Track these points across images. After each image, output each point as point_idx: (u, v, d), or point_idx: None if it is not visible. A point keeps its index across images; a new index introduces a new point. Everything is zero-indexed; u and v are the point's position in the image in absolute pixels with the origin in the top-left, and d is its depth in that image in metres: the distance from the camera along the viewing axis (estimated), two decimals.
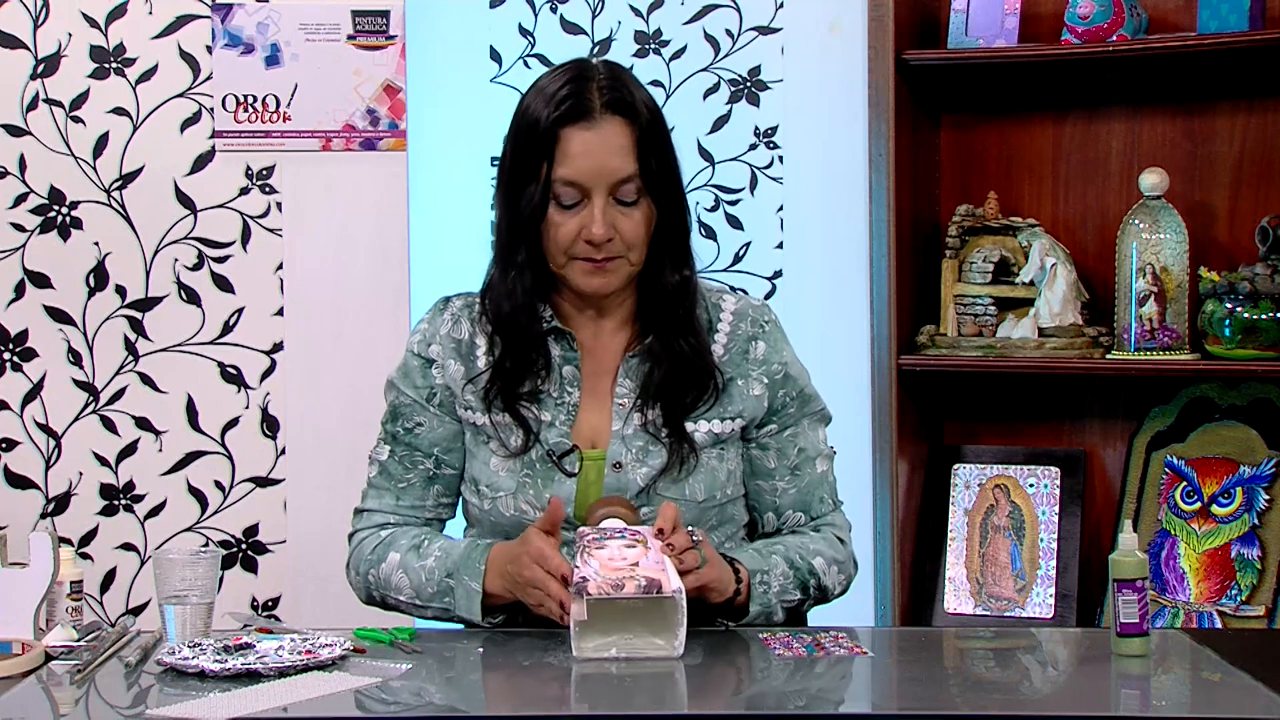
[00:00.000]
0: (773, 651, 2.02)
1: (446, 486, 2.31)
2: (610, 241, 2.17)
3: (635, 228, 2.18)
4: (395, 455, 2.30)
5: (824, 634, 2.10)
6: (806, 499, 2.29)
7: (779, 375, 2.27)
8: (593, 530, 2.06)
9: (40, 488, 3.27)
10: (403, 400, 2.30)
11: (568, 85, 2.18)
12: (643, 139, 2.17)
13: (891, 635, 2.54)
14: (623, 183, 2.16)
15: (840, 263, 3.36)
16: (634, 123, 2.17)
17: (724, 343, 2.27)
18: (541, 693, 1.93)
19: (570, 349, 2.24)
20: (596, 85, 2.18)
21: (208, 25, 3.27)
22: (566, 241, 2.18)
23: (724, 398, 2.24)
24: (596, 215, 2.15)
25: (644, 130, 2.18)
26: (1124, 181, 3.21)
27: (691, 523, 2.17)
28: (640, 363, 2.24)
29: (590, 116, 2.16)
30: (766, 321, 2.30)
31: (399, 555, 2.23)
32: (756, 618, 2.15)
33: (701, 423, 2.23)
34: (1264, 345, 2.97)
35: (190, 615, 2.08)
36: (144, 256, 3.28)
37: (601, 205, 2.16)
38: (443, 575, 2.18)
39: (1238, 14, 2.97)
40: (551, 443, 2.21)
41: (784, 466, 2.28)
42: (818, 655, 2.00)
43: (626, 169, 2.16)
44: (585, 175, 2.16)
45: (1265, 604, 2.98)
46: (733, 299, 2.32)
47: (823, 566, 2.23)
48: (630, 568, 1.96)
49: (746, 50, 3.42)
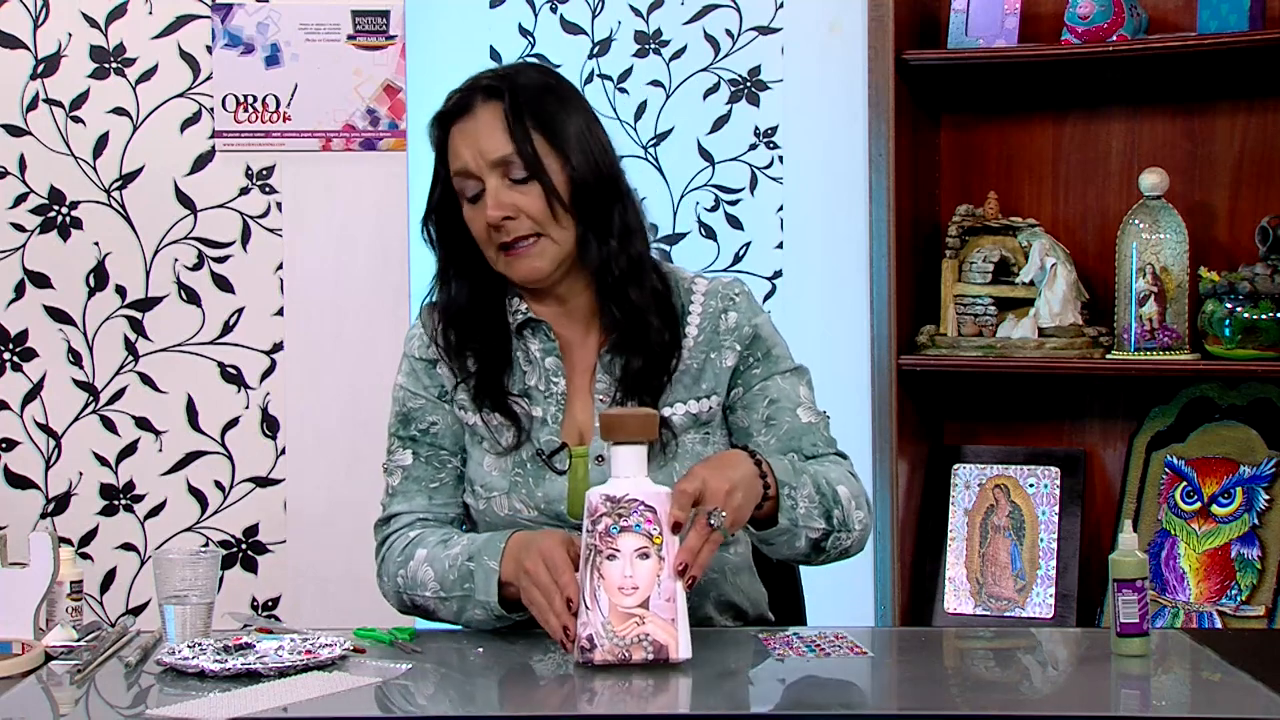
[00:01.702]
0: (773, 651, 2.02)
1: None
2: (513, 221, 2.17)
3: (535, 203, 2.17)
4: (421, 457, 2.27)
5: (824, 634, 2.10)
6: (793, 444, 2.22)
7: (749, 338, 2.25)
8: (604, 505, 1.94)
9: (40, 488, 3.27)
10: (414, 404, 2.28)
11: (459, 91, 2.24)
12: (514, 116, 2.18)
13: (891, 635, 2.53)
14: (503, 162, 2.17)
15: (840, 263, 3.36)
16: (503, 102, 2.18)
17: (697, 323, 2.25)
18: (542, 693, 1.93)
19: (548, 338, 2.25)
20: (480, 80, 2.23)
21: (208, 25, 3.27)
22: (482, 234, 2.20)
23: (699, 377, 2.23)
24: (488, 197, 2.18)
25: (516, 107, 2.18)
26: (1124, 181, 3.21)
27: None
28: (614, 358, 2.23)
29: (469, 109, 2.21)
30: (737, 294, 2.28)
31: (426, 550, 2.18)
32: (781, 536, 2.06)
33: (678, 405, 2.22)
34: (1264, 345, 2.97)
35: (190, 615, 2.08)
36: (144, 256, 3.28)
37: (493, 187, 2.17)
38: (464, 559, 2.12)
39: (1238, 14, 2.97)
40: (542, 441, 2.21)
41: (756, 421, 2.24)
42: (818, 655, 2.00)
43: (503, 148, 2.17)
44: (469, 162, 2.19)
45: (1265, 604, 2.98)
46: (704, 281, 2.30)
47: (846, 497, 2.14)
48: (639, 621, 1.92)
49: (746, 50, 3.42)
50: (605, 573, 1.92)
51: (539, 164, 2.17)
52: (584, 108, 2.25)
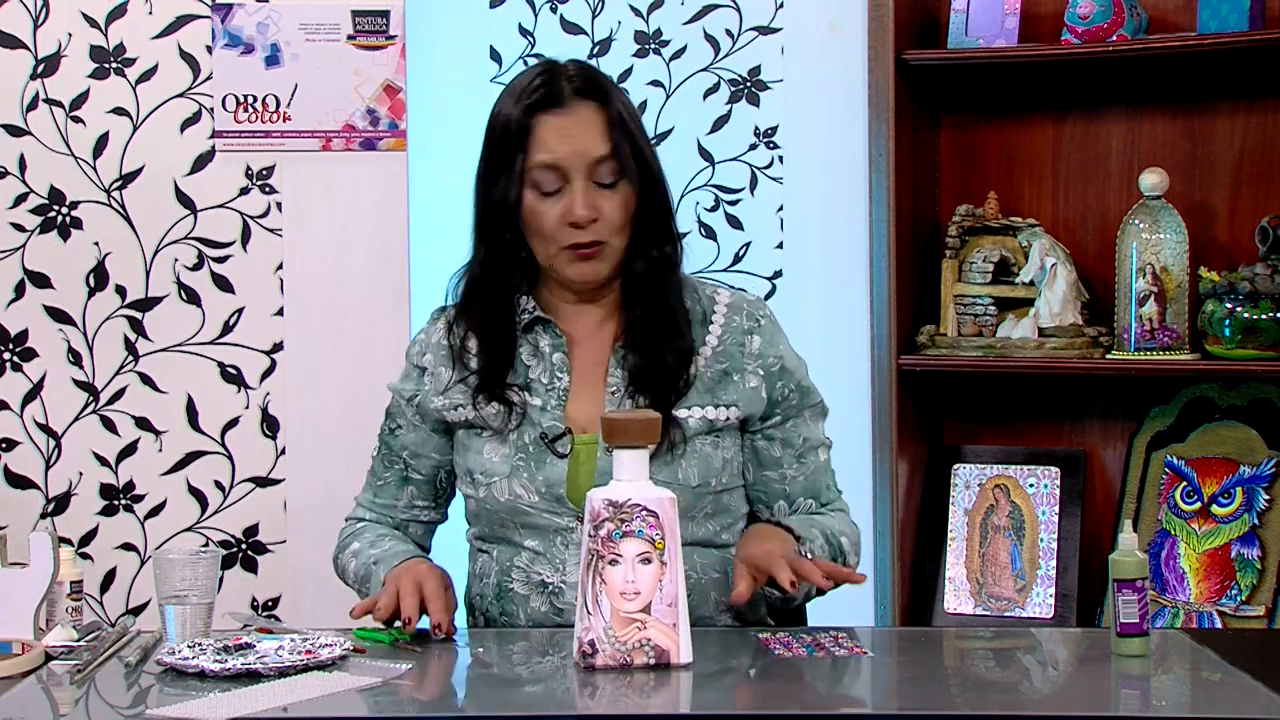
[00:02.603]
0: (773, 651, 2.02)
1: (420, 490, 2.37)
2: (595, 223, 2.19)
3: (616, 210, 2.21)
4: (380, 454, 2.39)
5: (824, 634, 2.10)
6: (815, 485, 2.31)
7: (775, 368, 2.28)
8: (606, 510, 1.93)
9: (40, 488, 3.27)
10: (394, 403, 2.37)
11: (538, 78, 2.23)
12: (614, 121, 2.21)
13: (891, 635, 2.54)
14: (599, 163, 2.19)
15: (840, 263, 3.36)
16: (604, 106, 2.21)
17: (718, 334, 2.28)
18: (541, 693, 1.93)
19: (556, 336, 2.26)
20: (565, 75, 2.23)
21: (208, 25, 3.27)
22: (551, 228, 2.20)
23: (718, 386, 2.25)
24: (578, 196, 2.18)
25: (615, 113, 2.21)
26: (1124, 181, 3.21)
27: (686, 509, 2.16)
28: (629, 353, 2.25)
29: (562, 102, 2.21)
30: (761, 316, 2.31)
31: (358, 544, 2.34)
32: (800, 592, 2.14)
33: (695, 409, 2.23)
34: (1264, 345, 2.97)
35: (190, 615, 2.08)
36: (144, 256, 3.28)
37: (582, 186, 2.19)
38: (371, 563, 2.28)
39: (1238, 14, 2.97)
40: (545, 425, 2.22)
41: (790, 455, 2.30)
42: (818, 655, 2.00)
43: (601, 149, 2.19)
44: (563, 157, 2.19)
45: (1265, 604, 2.98)
46: (727, 293, 2.34)
47: (849, 547, 2.27)
48: (641, 626, 1.93)
49: (746, 50, 3.42)
50: (607, 578, 1.92)
51: (630, 171, 2.20)
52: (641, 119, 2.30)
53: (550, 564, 2.21)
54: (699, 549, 2.23)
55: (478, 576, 2.30)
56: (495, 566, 2.26)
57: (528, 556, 2.23)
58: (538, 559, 2.22)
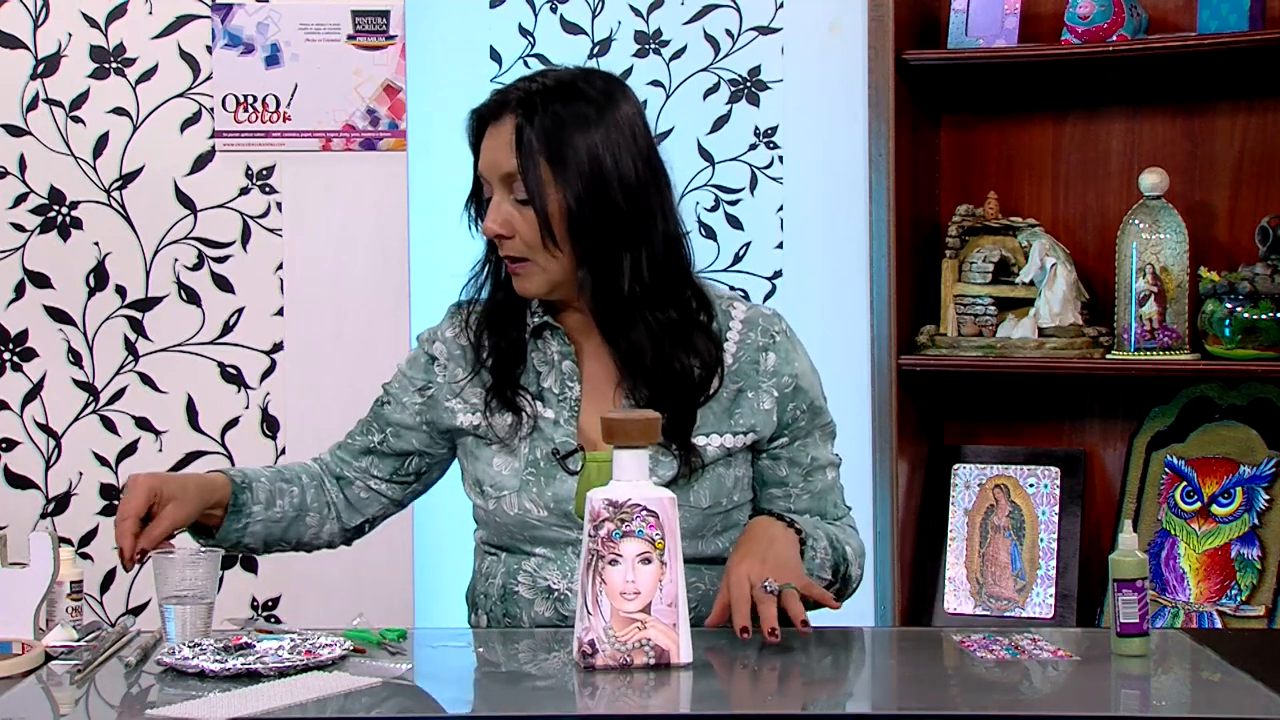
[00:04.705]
0: (973, 654, 2.02)
1: (381, 462, 2.33)
2: (509, 240, 2.15)
3: (529, 227, 2.13)
4: (363, 420, 2.36)
5: (1021, 635, 2.09)
6: (821, 503, 2.29)
7: (789, 388, 2.24)
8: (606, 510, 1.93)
9: (40, 488, 3.27)
10: (394, 380, 2.34)
11: (501, 88, 2.20)
12: (524, 136, 2.12)
13: (891, 635, 2.54)
14: (509, 178, 2.14)
15: (840, 263, 3.37)
16: (527, 123, 2.12)
17: (733, 351, 2.23)
18: (541, 693, 1.93)
19: (565, 343, 2.23)
20: (515, 86, 2.18)
21: (208, 25, 3.27)
22: (487, 239, 2.21)
23: (734, 410, 2.22)
24: (490, 209, 2.16)
25: (528, 127, 2.12)
26: (1124, 181, 3.21)
27: (696, 529, 2.17)
28: (635, 384, 2.20)
29: (499, 114, 2.17)
30: (778, 332, 2.25)
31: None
32: None
33: (714, 437, 2.20)
34: (1264, 345, 2.97)
35: (190, 615, 2.08)
36: (144, 256, 3.28)
37: (496, 200, 2.16)
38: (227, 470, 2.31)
39: (1238, 14, 2.97)
40: (557, 441, 2.21)
41: (797, 474, 2.27)
42: (1020, 658, 2.00)
43: (507, 165, 2.14)
44: (483, 169, 2.18)
45: (1265, 604, 2.98)
46: (743, 306, 2.28)
47: (852, 556, 2.25)
48: (641, 626, 1.92)
49: (746, 50, 3.42)
50: (607, 578, 1.92)
51: (539, 190, 2.12)
52: (612, 133, 2.14)
53: (558, 570, 2.20)
54: (707, 565, 2.21)
55: (483, 575, 2.29)
56: (502, 569, 2.25)
57: (535, 562, 2.22)
58: (545, 564, 2.21)
